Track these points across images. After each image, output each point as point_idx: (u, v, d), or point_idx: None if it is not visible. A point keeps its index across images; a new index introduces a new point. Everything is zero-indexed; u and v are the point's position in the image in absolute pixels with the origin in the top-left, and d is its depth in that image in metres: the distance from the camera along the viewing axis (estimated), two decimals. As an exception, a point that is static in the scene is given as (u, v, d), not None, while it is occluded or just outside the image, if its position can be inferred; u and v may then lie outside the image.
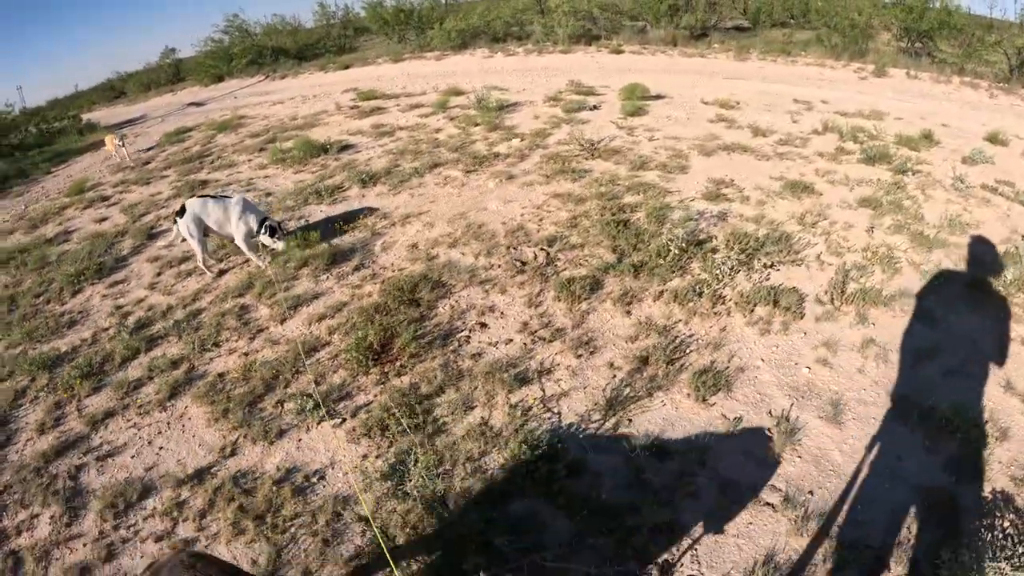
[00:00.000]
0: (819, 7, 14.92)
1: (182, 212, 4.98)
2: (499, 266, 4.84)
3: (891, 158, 6.72)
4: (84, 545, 2.96)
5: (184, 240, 5.06)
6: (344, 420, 3.57)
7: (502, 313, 4.33)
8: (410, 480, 2.99)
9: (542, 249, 4.98)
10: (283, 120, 9.63)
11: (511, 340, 4.04)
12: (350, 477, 3.11)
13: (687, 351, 3.86)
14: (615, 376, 3.68)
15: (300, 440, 3.47)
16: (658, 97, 9.32)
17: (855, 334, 4.04)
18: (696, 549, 2.67)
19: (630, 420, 3.36)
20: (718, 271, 4.50)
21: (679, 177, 6.33)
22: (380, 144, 7.90)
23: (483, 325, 4.24)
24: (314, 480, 3.20)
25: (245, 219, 5.05)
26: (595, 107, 8.80)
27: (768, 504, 2.87)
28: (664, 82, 10.35)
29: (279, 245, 5.19)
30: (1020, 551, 2.41)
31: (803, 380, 3.65)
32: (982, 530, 2.60)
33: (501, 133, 7.91)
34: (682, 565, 2.61)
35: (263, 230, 5.09)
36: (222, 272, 5.16)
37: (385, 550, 2.24)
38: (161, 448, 3.51)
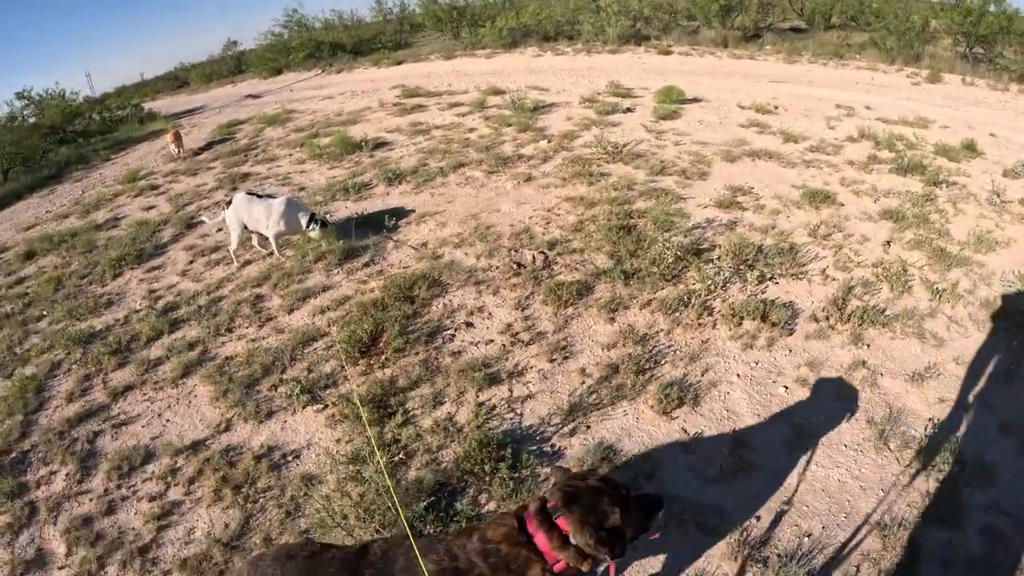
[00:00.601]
0: (874, 9, 14.16)
1: (230, 203, 5.45)
2: (497, 267, 5.00)
3: (925, 169, 6.35)
4: (90, 500, 3.38)
5: (220, 229, 5.58)
6: (326, 406, 3.88)
7: (490, 314, 4.49)
8: (369, 467, 3.27)
9: (541, 252, 5.09)
10: (328, 116, 10.13)
11: (492, 340, 4.20)
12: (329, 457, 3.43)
13: (661, 362, 3.85)
14: (584, 383, 3.74)
15: (286, 422, 3.78)
16: (694, 100, 9.17)
17: (845, 355, 3.90)
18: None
19: (588, 427, 3.43)
20: (710, 281, 4.46)
21: (697, 183, 6.24)
22: (414, 142, 8.20)
23: (469, 324, 4.42)
24: (290, 458, 3.49)
25: (287, 219, 5.38)
26: (629, 110, 8.76)
27: (706, 525, 2.85)
28: (705, 85, 10.15)
29: (314, 235, 5.51)
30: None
31: (777, 400, 3.57)
32: None
33: (531, 134, 8.03)
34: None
35: (311, 225, 5.43)
36: (247, 263, 5.63)
37: (402, 519, 2.46)
38: (168, 420, 3.93)
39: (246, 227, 5.44)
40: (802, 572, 2.56)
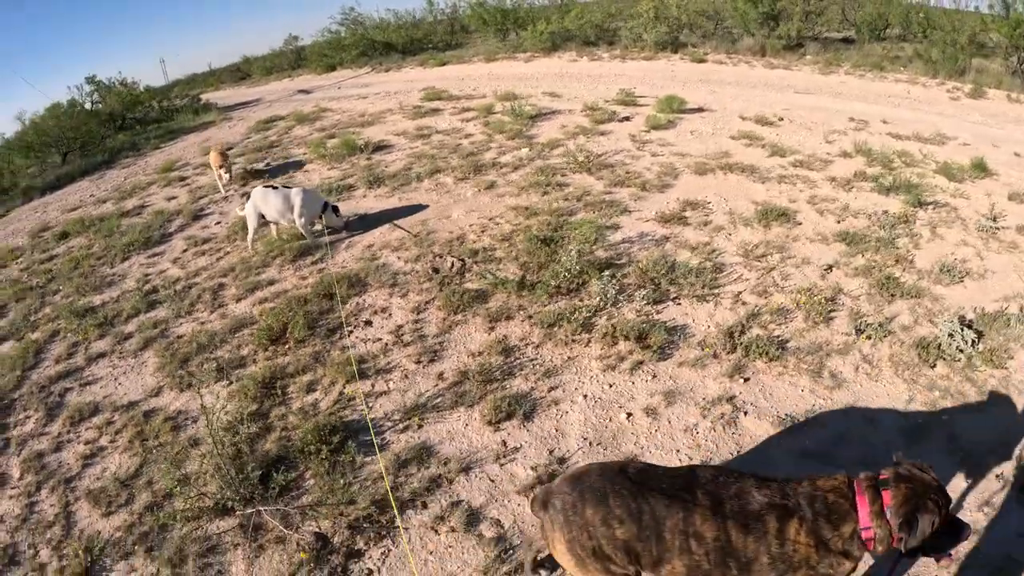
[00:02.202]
0: (921, 20, 13.11)
1: (248, 197, 6.41)
2: (417, 272, 5.66)
3: (912, 188, 6.07)
4: (46, 440, 4.41)
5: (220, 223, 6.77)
6: (231, 383, 4.78)
7: (390, 315, 5.09)
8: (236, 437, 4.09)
9: (460, 259, 5.60)
10: (353, 116, 11.14)
11: (380, 339, 4.84)
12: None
13: (515, 374, 4.20)
14: (436, 386, 4.27)
15: (200, 393, 4.73)
16: (698, 110, 9.23)
17: (715, 387, 3.98)
18: (387, 555, 3.23)
19: (420, 426, 3.94)
20: (598, 299, 4.73)
21: (654, 196, 6.37)
22: (411, 146, 8.93)
23: (368, 323, 5.07)
24: (188, 423, 4.42)
25: (308, 207, 6.28)
26: (626, 118, 8.96)
27: (482, 535, 3.19)
28: (723, 94, 10.27)
29: (339, 223, 6.48)
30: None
31: (615, 427, 3.77)
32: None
33: (518, 141, 8.49)
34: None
35: (327, 211, 6.33)
36: (226, 255, 6.72)
37: (392, 498, 3.33)
38: (119, 384, 4.97)
39: (263, 218, 6.38)
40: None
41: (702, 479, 2.24)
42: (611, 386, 4.10)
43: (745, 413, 3.79)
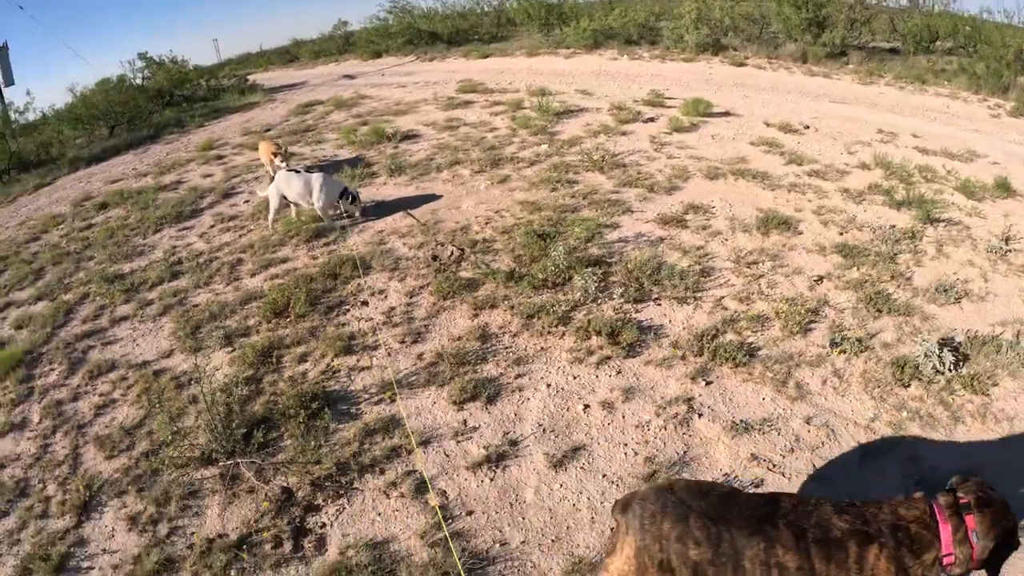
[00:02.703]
0: (968, 33, 12.56)
1: (273, 179, 6.97)
2: (418, 258, 6.04)
3: (931, 204, 6.00)
4: (66, 390, 5.09)
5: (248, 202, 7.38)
6: (234, 350, 5.28)
7: (386, 296, 5.51)
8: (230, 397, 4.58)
9: (459, 248, 5.94)
10: (389, 104, 11.60)
11: (372, 319, 5.26)
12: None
13: (488, 360, 4.51)
14: (415, 365, 4.63)
15: (207, 357, 5.27)
16: (725, 114, 9.26)
17: (675, 388, 4.16)
18: (341, 512, 3.61)
19: (392, 400, 4.31)
20: (580, 293, 4.97)
21: (660, 198, 6.52)
22: (439, 138, 9.30)
23: (364, 303, 5.50)
24: (191, 383, 4.92)
25: (327, 191, 6.72)
26: (651, 119, 9.07)
27: (427, 503, 3.50)
28: (754, 99, 10.34)
29: (357, 213, 6.86)
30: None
31: (570, 416, 4.01)
32: None
33: (540, 137, 8.74)
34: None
35: (344, 198, 6.69)
36: (248, 232, 7.29)
37: (416, 447, 3.80)
38: (137, 345, 5.57)
39: (285, 200, 6.89)
40: None
41: (783, 509, 2.31)
42: (575, 378, 4.35)
43: (700, 415, 3.95)
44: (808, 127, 8.60)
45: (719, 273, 5.24)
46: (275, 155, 7.85)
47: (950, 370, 4.15)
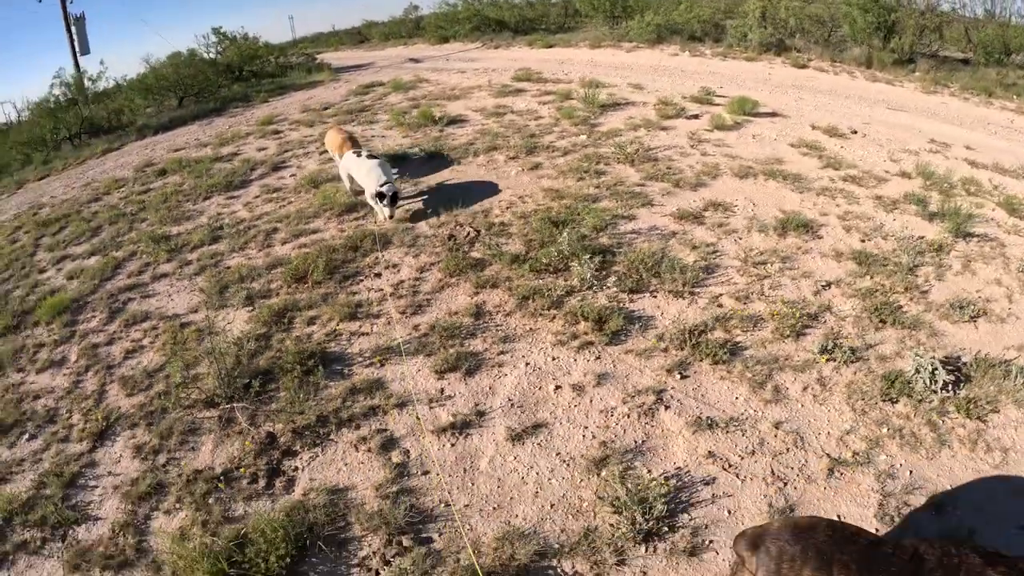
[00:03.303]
0: None
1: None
2: (436, 237, 6.40)
3: (967, 217, 5.77)
4: (103, 335, 5.77)
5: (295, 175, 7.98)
6: (254, 309, 5.84)
7: (399, 270, 5.92)
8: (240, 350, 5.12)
9: (475, 230, 6.26)
10: (444, 89, 12.00)
11: (381, 290, 5.67)
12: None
13: (477, 335, 4.80)
14: (409, 335, 4.98)
15: (227, 314, 5.85)
16: (772, 115, 9.12)
17: (649, 378, 4.29)
18: (314, 459, 4.03)
19: (381, 364, 4.68)
20: (578, 280, 5.16)
21: (684, 193, 6.55)
22: (484, 123, 9.58)
23: (378, 275, 5.92)
24: (210, 334, 5.52)
25: (371, 178, 6.57)
26: (695, 116, 9.06)
27: (390, 459, 3.86)
28: (808, 102, 10.21)
29: (384, 212, 6.63)
30: None
31: (541, 395, 4.24)
32: None
33: (580, 128, 8.89)
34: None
35: (381, 198, 6.47)
36: (288, 203, 7.92)
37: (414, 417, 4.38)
38: (171, 300, 6.20)
39: (352, 178, 7.33)
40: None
41: (929, 563, 2.22)
42: (554, 359, 4.56)
43: (667, 407, 4.08)
44: (856, 132, 8.34)
45: (723, 271, 5.28)
46: (348, 148, 7.43)
47: (944, 390, 4.06)
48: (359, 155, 7.11)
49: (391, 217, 6.70)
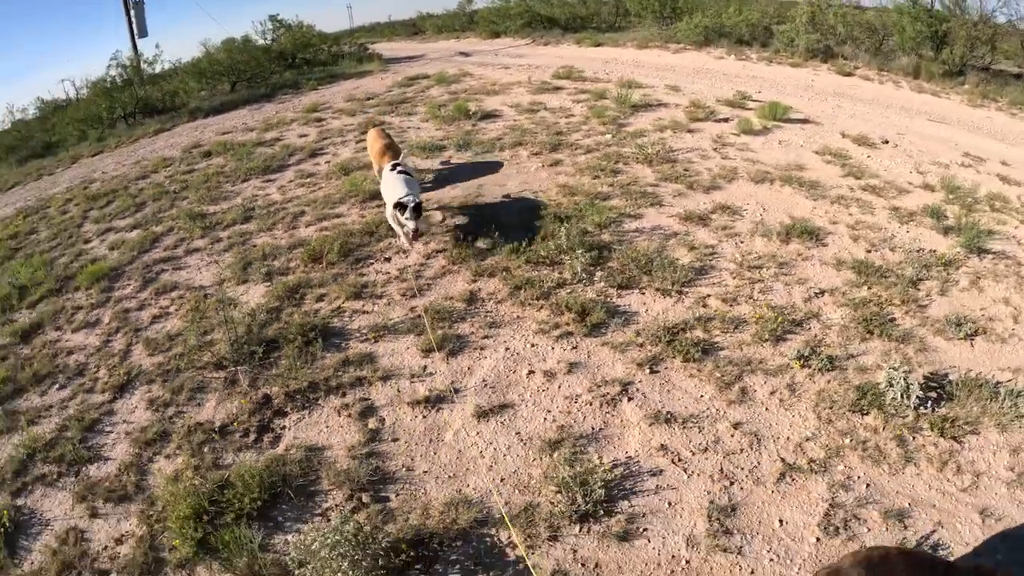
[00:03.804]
0: None
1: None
2: (446, 226, 6.80)
3: (983, 233, 5.72)
4: (134, 301, 6.39)
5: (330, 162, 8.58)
6: (271, 285, 6.38)
7: (407, 256, 6.35)
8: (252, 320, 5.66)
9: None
10: (485, 84, 12.35)
11: (388, 272, 6.09)
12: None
13: (466, 319, 5.15)
14: (405, 315, 5.39)
15: (247, 288, 6.41)
16: (803, 121, 9.12)
17: (620, 370, 4.52)
18: (301, 420, 4.49)
19: (375, 340, 5.10)
20: (570, 273, 5.43)
21: (695, 195, 6.68)
22: (516, 119, 9.86)
23: (387, 259, 6.37)
24: (230, 306, 6.10)
25: (394, 191, 6.01)
26: (725, 119, 9.13)
27: (366, 425, 4.27)
28: (844, 109, 10.23)
29: (408, 225, 5.82)
30: None
31: (513, 378, 4.54)
32: None
33: (607, 127, 9.10)
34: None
35: (400, 208, 5.79)
36: (318, 188, 8.51)
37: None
38: (200, 272, 6.83)
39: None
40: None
41: None
42: (533, 346, 4.86)
43: (630, 399, 4.31)
44: (887, 142, 8.21)
45: (716, 272, 5.43)
46: (384, 153, 7.14)
47: (922, 406, 4.08)
48: (393, 169, 7.24)
49: (415, 232, 5.93)
